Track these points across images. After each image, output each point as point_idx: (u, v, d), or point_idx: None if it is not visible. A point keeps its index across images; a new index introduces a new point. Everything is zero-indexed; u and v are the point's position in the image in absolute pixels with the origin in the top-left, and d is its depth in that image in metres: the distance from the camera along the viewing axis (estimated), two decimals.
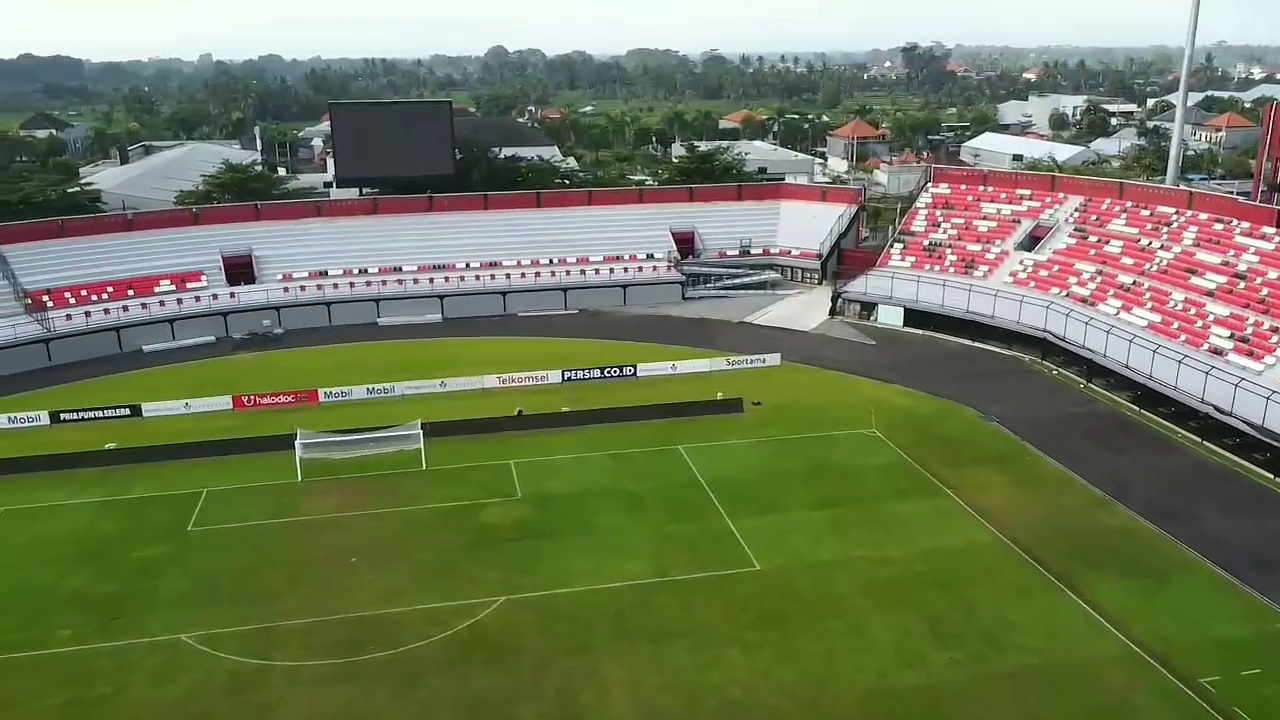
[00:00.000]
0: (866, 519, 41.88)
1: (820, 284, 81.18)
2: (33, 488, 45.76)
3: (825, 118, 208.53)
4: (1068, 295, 64.46)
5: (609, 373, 60.03)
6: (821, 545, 39.74)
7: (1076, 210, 73.20)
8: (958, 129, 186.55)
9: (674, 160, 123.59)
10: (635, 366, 60.57)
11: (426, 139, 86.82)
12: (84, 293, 68.60)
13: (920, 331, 68.24)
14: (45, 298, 67.11)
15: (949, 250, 74.73)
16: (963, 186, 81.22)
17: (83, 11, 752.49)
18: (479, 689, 31.08)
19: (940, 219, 78.31)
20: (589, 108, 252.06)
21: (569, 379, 59.32)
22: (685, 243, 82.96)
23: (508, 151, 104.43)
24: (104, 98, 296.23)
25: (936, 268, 73.25)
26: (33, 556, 39.71)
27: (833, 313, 73.14)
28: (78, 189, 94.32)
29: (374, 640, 33.70)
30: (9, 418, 53.30)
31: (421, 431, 47.46)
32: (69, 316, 66.04)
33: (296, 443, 46.38)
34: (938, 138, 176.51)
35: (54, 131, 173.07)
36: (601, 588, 36.63)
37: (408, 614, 35.23)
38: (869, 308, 71.74)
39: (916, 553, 38.92)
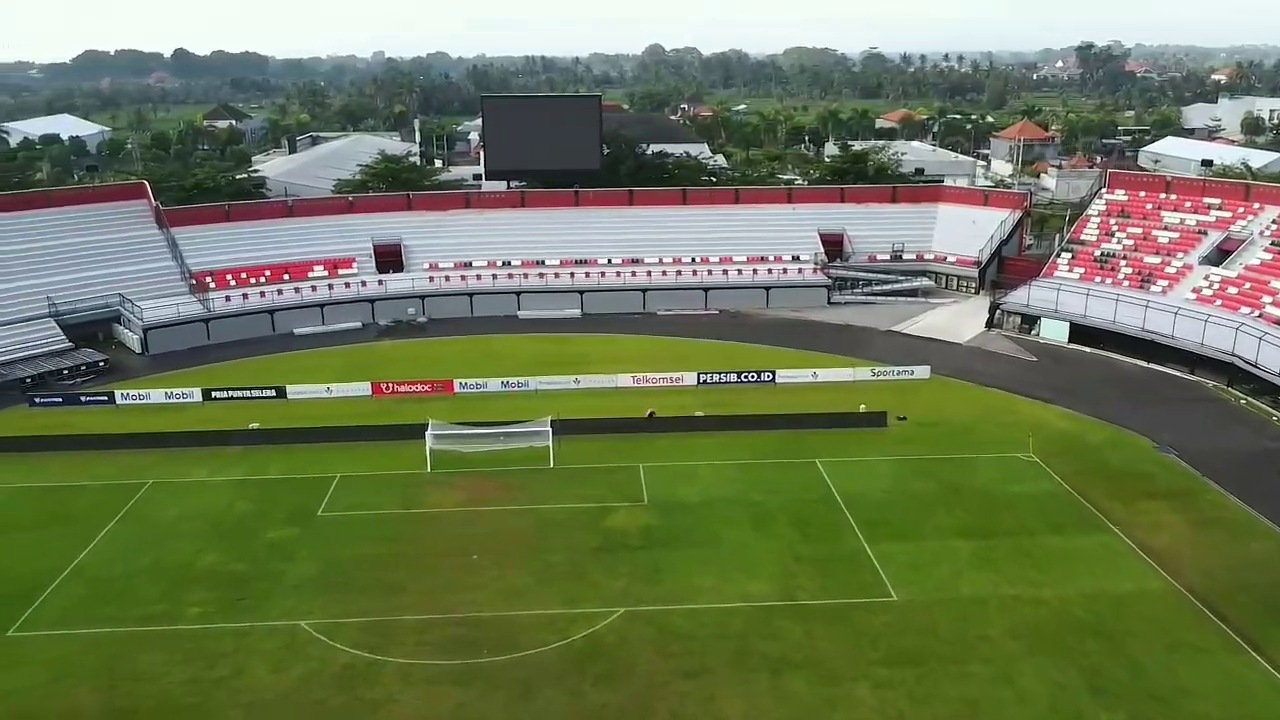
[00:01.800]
0: (1018, 553, 38.34)
1: (977, 293, 76.49)
2: (182, 462, 47.39)
3: (990, 118, 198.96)
4: (1260, 316, 58.22)
5: (746, 377, 57.88)
6: (966, 578, 36.54)
7: (1274, 222, 66.17)
8: (1136, 133, 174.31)
9: (826, 159, 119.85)
10: (774, 372, 58.18)
11: (575, 134, 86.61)
12: (243, 275, 71.48)
13: (1087, 349, 63.04)
14: (208, 279, 70.23)
15: (1123, 262, 68.98)
16: (1142, 193, 74.91)
17: (270, 12, 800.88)
18: (591, 706, 29.70)
19: (1115, 228, 72.45)
20: (742, 106, 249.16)
21: (704, 382, 57.52)
22: (834, 245, 79.78)
23: (656, 148, 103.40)
24: (283, 92, 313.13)
25: (1109, 280, 67.72)
26: (176, 530, 40.89)
27: (990, 325, 68.57)
28: (245, 176, 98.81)
29: (490, 643, 32.83)
30: (166, 393, 55.70)
31: (551, 429, 46.64)
32: (228, 298, 68.87)
33: (428, 433, 46.35)
34: (1113, 141, 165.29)
35: (233, 122, 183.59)
36: (723, 607, 34.67)
37: (526, 618, 34.25)
38: (1030, 321, 66.86)
39: (1075, 595, 35.23)
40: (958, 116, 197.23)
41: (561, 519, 41.53)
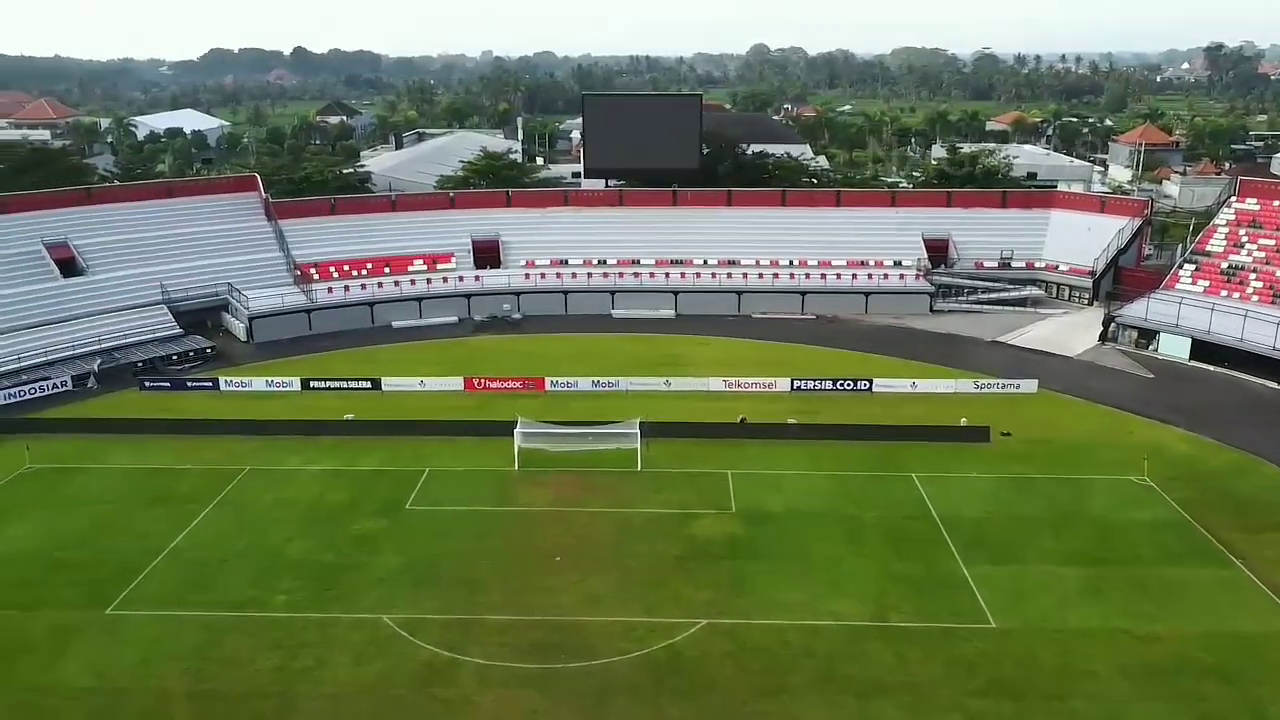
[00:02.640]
0: (1130, 584, 35.96)
1: (1090, 305, 72.85)
2: (279, 450, 48.35)
3: (1108, 121, 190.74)
4: None
5: (842, 385, 56.21)
6: (1072, 608, 34.41)
7: None
8: (1269, 138, 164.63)
9: (933, 162, 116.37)
10: (871, 381, 56.35)
11: (675, 133, 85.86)
12: (346, 267, 72.95)
13: (1211, 367, 59.25)
14: (312, 270, 71.88)
15: (1253, 275, 64.76)
16: (1276, 203, 70.18)
17: (385, 12, 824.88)
18: None
19: (1244, 239, 68.10)
20: (847, 106, 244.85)
21: (798, 388, 56.09)
22: (938, 251, 77.14)
23: (756, 148, 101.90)
24: (393, 89, 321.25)
25: (1236, 295, 63.65)
26: (269, 518, 41.62)
27: (1103, 338, 65.14)
28: (351, 171, 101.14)
29: (569, 648, 32.32)
30: (267, 381, 57.07)
31: (640, 431, 45.97)
32: (330, 289, 70.38)
33: (516, 431, 46.22)
34: (1244, 147, 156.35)
35: (344, 119, 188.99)
36: (810, 624, 33.40)
37: (606, 624, 33.62)
38: (1148, 336, 63.25)
39: (1194, 633, 32.80)
40: (1074, 119, 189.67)
41: (645, 524, 40.81)
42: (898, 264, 75.41)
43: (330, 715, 29.29)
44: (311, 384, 56.73)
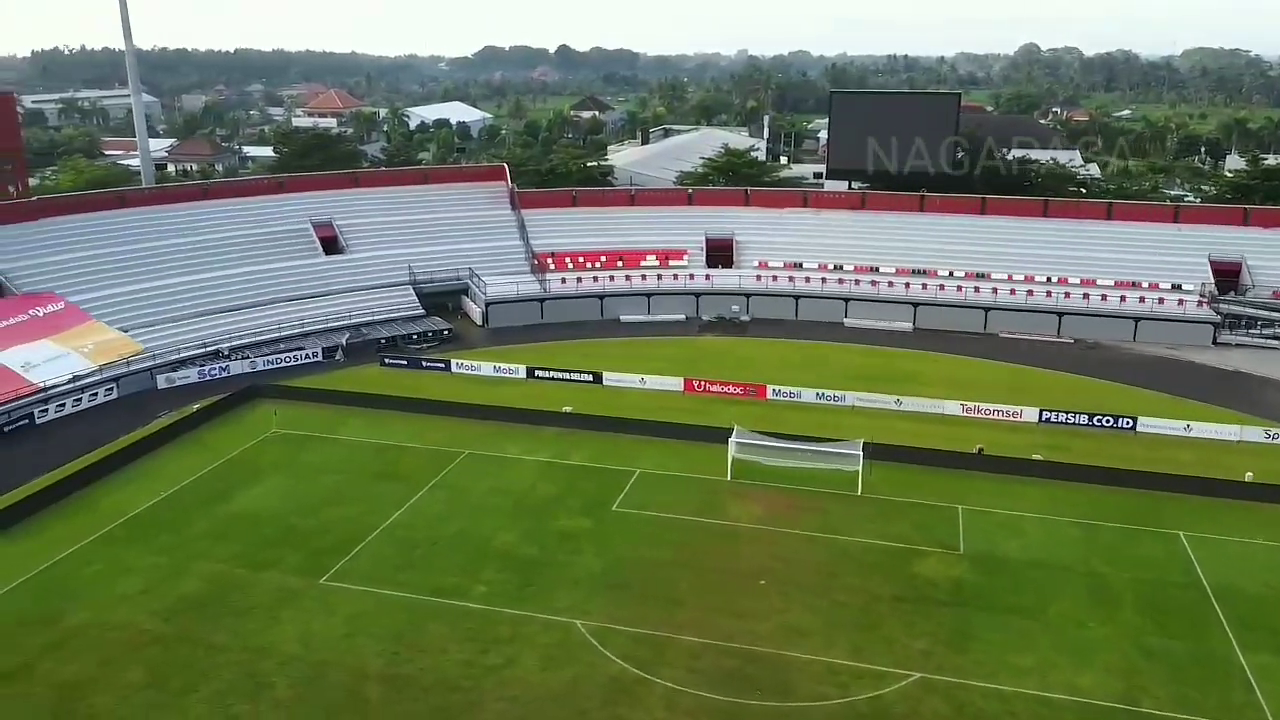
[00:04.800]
0: None
1: None
2: (498, 437, 48.97)
3: None
4: None
5: (1099, 421, 50.13)
6: None
7: None
8: None
9: (1227, 174, 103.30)
10: (1135, 419, 49.88)
11: (928, 133, 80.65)
12: (580, 259, 73.71)
13: None
14: (549, 260, 73.13)
15: None
16: None
17: (646, 12, 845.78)
18: None
19: None
20: (1126, 111, 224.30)
21: (1047, 420, 50.57)
22: (1228, 275, 67.82)
23: (1018, 153, 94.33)
24: (646, 86, 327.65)
25: None
26: (481, 504, 41.99)
27: None
28: (595, 164, 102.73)
29: (764, 682, 30.03)
30: (495, 366, 58.29)
31: (864, 453, 42.72)
32: (563, 280, 71.32)
33: (731, 440, 44.25)
34: None
35: (596, 114, 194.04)
36: (1042, 696, 29.25)
37: (807, 663, 31.02)
38: None
39: None
40: None
41: (861, 555, 37.66)
42: (1176, 288, 66.91)
43: None
44: (536, 373, 57.36)
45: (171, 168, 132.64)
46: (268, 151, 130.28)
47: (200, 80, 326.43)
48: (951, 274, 70.46)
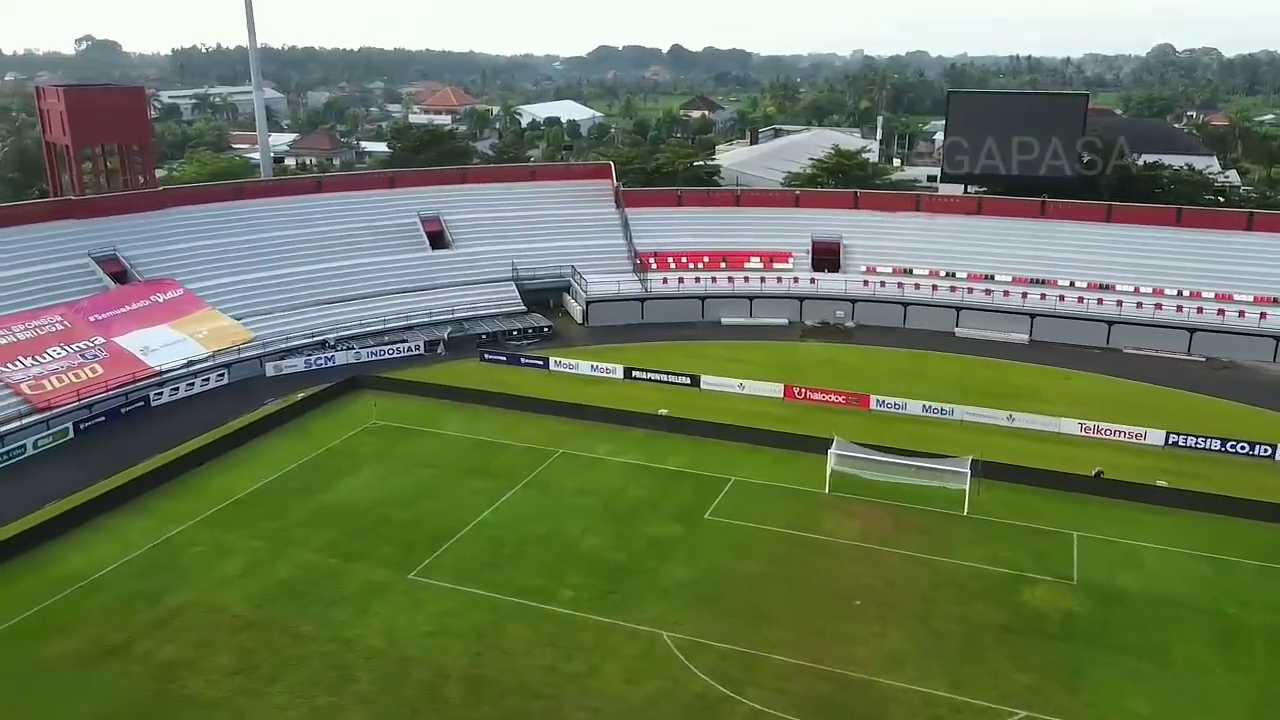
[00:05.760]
0: None
1: None
2: (591, 437, 48.45)
3: None
4: None
5: (1234, 447, 46.59)
6: None
7: None
8: None
9: None
10: (1275, 447, 46.22)
11: (1051, 136, 76.70)
12: (683, 259, 72.73)
13: None
14: (651, 259, 72.41)
15: None
16: None
17: (759, 11, 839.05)
18: None
19: None
20: (1270, 115, 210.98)
21: (1174, 443, 47.30)
22: None
23: (1149, 158, 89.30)
24: (758, 86, 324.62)
25: None
26: (571, 505, 41.47)
27: None
28: (702, 164, 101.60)
29: (857, 712, 28.59)
30: (593, 365, 57.85)
31: (971, 471, 40.57)
32: (665, 280, 70.48)
33: (831, 451, 42.65)
34: None
35: (706, 113, 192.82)
36: None
37: (903, 692, 29.39)
38: None
39: None
40: None
41: (965, 580, 35.67)
42: None
43: None
44: (634, 373, 56.70)
45: (291, 161, 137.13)
46: (383, 147, 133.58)
47: (325, 77, 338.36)
48: (1073, 284, 66.90)
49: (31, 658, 31.19)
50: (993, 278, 68.67)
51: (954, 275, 69.43)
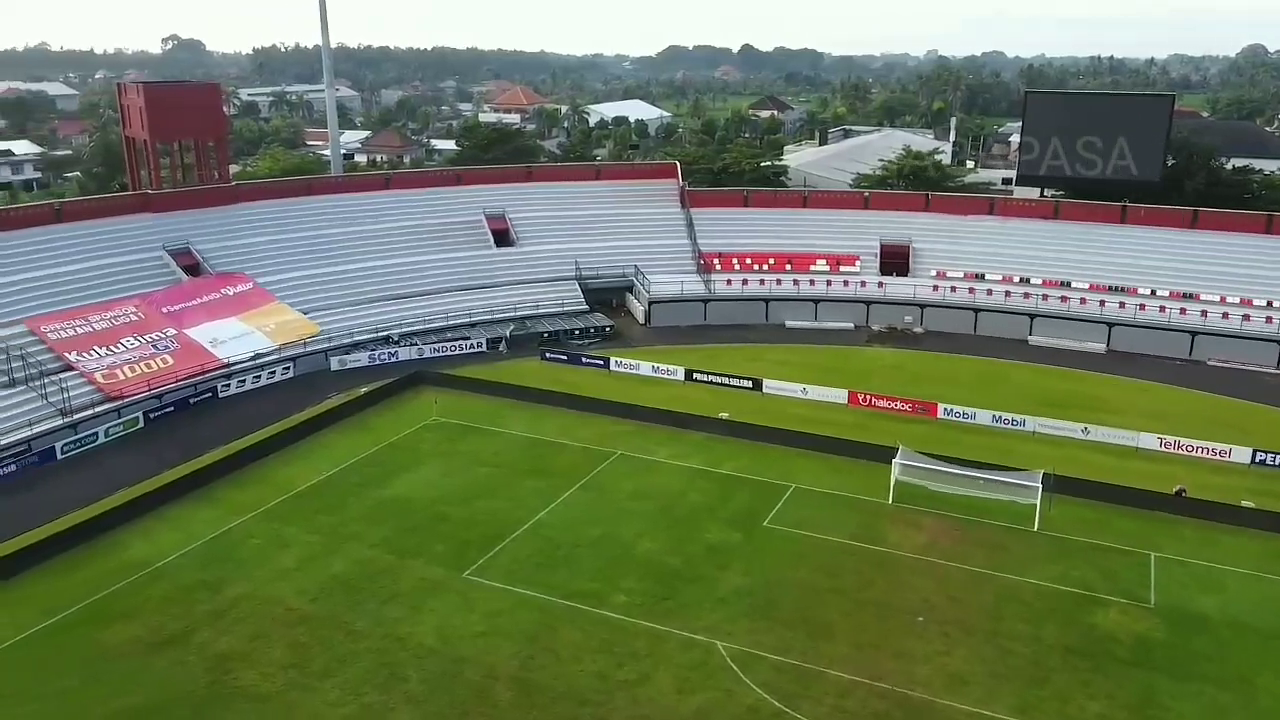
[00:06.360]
0: None
1: None
2: (650, 439, 47.89)
3: None
4: None
5: None
6: None
7: None
8: None
9: None
10: None
11: (1134, 139, 74.02)
12: (748, 260, 71.77)
13: None
14: (715, 260, 71.58)
15: None
16: None
17: (830, 11, 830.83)
18: None
19: None
20: None
21: (1262, 462, 45.02)
22: None
23: (1239, 162, 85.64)
24: (829, 86, 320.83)
25: None
26: (627, 508, 40.95)
27: None
28: (769, 164, 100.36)
29: None
30: (654, 367, 57.28)
31: (1043, 485, 39.04)
32: (729, 281, 69.60)
33: (896, 460, 41.44)
34: None
35: (774, 113, 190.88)
36: None
37: (967, 715, 28.26)
38: None
39: None
40: None
41: (1034, 599, 34.26)
42: None
43: None
44: (695, 375, 55.99)
45: (362, 158, 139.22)
46: (452, 145, 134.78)
47: (399, 76, 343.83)
48: (1154, 293, 64.34)
49: (95, 642, 31.74)
50: (1069, 284, 66.40)
51: (1028, 281, 67.31)
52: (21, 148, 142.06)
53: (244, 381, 54.49)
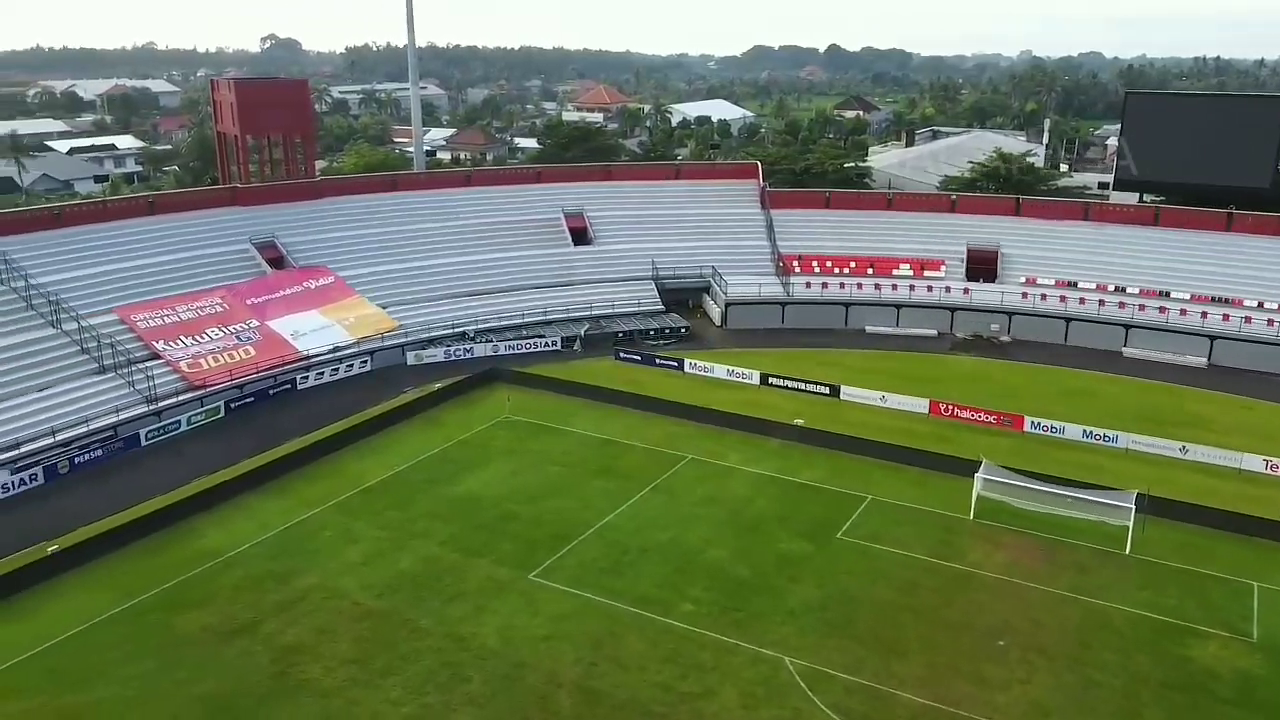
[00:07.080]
0: None
1: None
2: (722, 443, 46.99)
3: None
4: None
5: None
6: None
7: None
8: None
9: None
10: None
11: (1242, 142, 70.40)
12: (828, 263, 70.15)
13: None
14: (795, 262, 70.18)
15: None
16: None
17: (918, 9, 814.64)
18: None
19: None
20: None
21: None
22: None
23: None
24: (917, 87, 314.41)
25: None
26: (696, 514, 40.13)
27: None
28: (853, 165, 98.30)
29: None
30: (728, 370, 56.27)
31: (1136, 506, 36.98)
32: (808, 284, 68.13)
33: (978, 474, 39.77)
34: None
35: (860, 113, 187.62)
36: None
37: None
38: None
39: None
40: None
41: (1124, 626, 32.40)
42: None
43: None
44: (770, 380, 54.83)
45: (445, 155, 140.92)
46: (534, 143, 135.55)
47: (485, 75, 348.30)
48: (1261, 305, 60.83)
49: (170, 628, 32.25)
50: (1168, 294, 63.24)
51: (1124, 290, 64.31)
52: (125, 142, 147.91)
53: (322, 374, 55.22)
